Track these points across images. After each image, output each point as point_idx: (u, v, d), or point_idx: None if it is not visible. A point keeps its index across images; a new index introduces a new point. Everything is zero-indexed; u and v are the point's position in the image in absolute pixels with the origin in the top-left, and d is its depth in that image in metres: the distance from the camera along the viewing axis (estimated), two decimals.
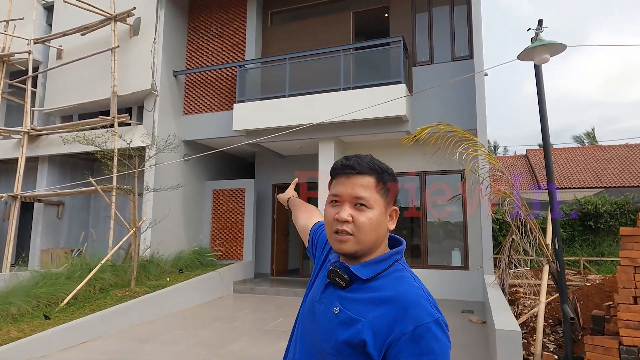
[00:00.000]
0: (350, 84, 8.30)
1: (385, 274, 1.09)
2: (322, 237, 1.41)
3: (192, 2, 10.37)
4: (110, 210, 8.63)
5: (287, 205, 1.87)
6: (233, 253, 10.11)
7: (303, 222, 1.61)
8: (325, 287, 1.16)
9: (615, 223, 15.22)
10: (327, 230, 1.17)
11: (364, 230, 1.08)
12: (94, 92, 9.91)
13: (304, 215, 1.64)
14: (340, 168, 1.16)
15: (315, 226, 1.51)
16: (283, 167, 10.93)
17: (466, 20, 8.20)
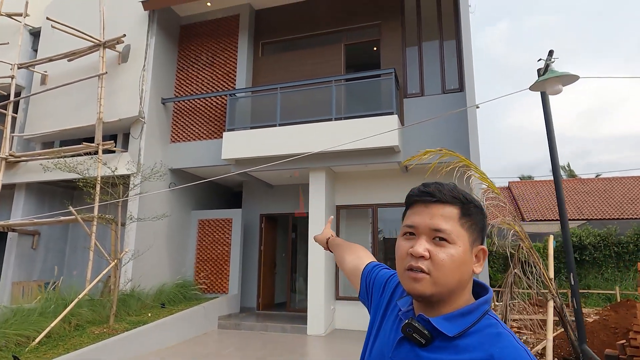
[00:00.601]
0: (341, 114, 8.29)
1: (474, 329, 0.91)
2: (380, 279, 1.23)
3: (183, 31, 10.38)
4: (90, 241, 8.21)
5: (327, 247, 1.68)
6: (218, 286, 9.70)
7: (352, 264, 1.41)
8: (399, 342, 0.98)
9: (599, 255, 15.35)
10: (398, 266, 1.00)
11: (443, 269, 0.92)
12: (79, 118, 9.65)
13: (351, 257, 1.44)
14: (418, 195, 1.01)
15: (369, 267, 1.33)
16: (271, 197, 10.73)
17: (456, 55, 8.38)
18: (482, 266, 0.98)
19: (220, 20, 10.04)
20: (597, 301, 13.91)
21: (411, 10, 8.90)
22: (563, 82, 3.33)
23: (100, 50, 9.14)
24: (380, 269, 1.28)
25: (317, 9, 9.58)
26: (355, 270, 1.37)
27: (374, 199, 8.97)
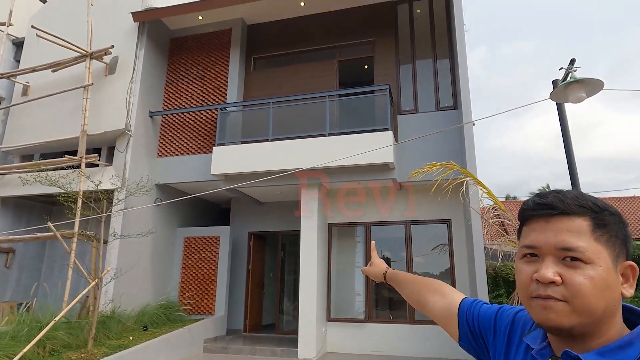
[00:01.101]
0: (335, 130, 8.16)
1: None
2: (485, 317, 1.00)
3: (173, 44, 10.20)
4: (70, 259, 7.76)
5: (385, 281, 1.45)
6: (204, 307, 9.28)
7: (440, 306, 1.14)
8: None
9: None
10: (521, 295, 0.81)
11: (584, 296, 0.73)
12: (61, 130, 9.29)
13: (435, 297, 1.17)
14: (534, 208, 0.83)
15: (465, 305, 1.08)
16: (260, 214, 10.44)
17: (450, 72, 8.38)
18: (633, 287, 0.79)
19: (212, 34, 9.90)
20: None
21: (404, 28, 8.93)
22: (587, 89, 3.19)
23: (87, 61, 8.87)
24: (479, 305, 1.06)
25: (310, 25, 9.54)
26: (447, 313, 1.11)
27: (367, 217, 8.78)
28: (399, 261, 8.58)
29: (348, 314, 8.50)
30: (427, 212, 8.46)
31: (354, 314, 8.52)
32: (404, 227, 8.55)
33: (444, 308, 1.12)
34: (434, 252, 8.40)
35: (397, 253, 8.65)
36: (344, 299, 8.67)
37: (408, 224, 8.53)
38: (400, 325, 8.08)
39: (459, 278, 7.95)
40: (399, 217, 8.60)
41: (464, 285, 7.86)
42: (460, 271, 7.97)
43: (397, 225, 8.60)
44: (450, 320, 1.09)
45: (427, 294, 1.20)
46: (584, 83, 3.16)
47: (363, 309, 8.42)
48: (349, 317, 8.45)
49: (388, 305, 8.54)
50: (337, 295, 8.66)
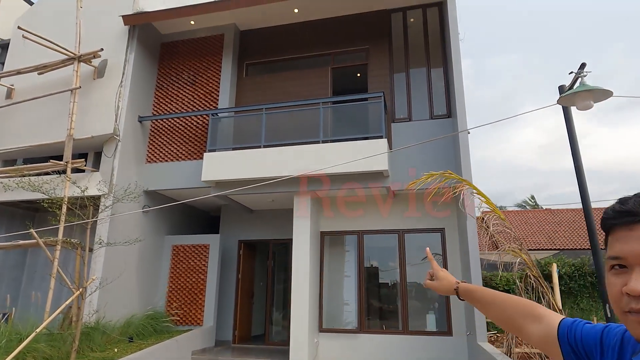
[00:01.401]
0: (328, 137, 8.07)
1: None
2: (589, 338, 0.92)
3: (164, 48, 10.04)
4: (52, 267, 7.47)
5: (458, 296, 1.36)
6: (192, 317, 9.02)
7: (536, 332, 1.04)
8: None
9: (574, 285, 15.45)
10: (615, 309, 0.75)
11: None
12: (46, 135, 9.03)
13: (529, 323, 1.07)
14: (614, 216, 0.77)
15: (565, 326, 0.99)
16: (251, 222, 10.26)
17: (443, 82, 8.40)
18: None
19: (204, 39, 9.78)
20: None
21: (398, 37, 8.94)
22: (595, 97, 3.18)
23: (75, 64, 8.66)
24: (581, 324, 0.96)
25: (304, 32, 9.50)
26: (547, 339, 1.02)
27: (359, 225, 8.67)
28: (391, 270, 8.48)
29: (340, 325, 8.34)
30: (420, 221, 8.39)
31: (346, 324, 8.36)
32: (397, 236, 8.47)
33: (543, 334, 1.02)
34: (424, 262, 8.32)
35: (389, 262, 8.55)
36: (336, 309, 8.51)
37: (401, 233, 8.45)
38: (393, 336, 7.94)
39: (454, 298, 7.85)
40: (392, 225, 8.52)
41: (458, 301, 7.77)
42: None
43: (390, 234, 8.51)
44: (552, 345, 0.99)
45: (520, 319, 1.10)
46: (592, 91, 3.13)
47: (355, 319, 8.27)
48: (341, 328, 8.28)
49: (381, 315, 8.41)
50: (329, 305, 8.50)
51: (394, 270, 8.43)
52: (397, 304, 8.25)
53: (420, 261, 8.32)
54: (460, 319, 7.71)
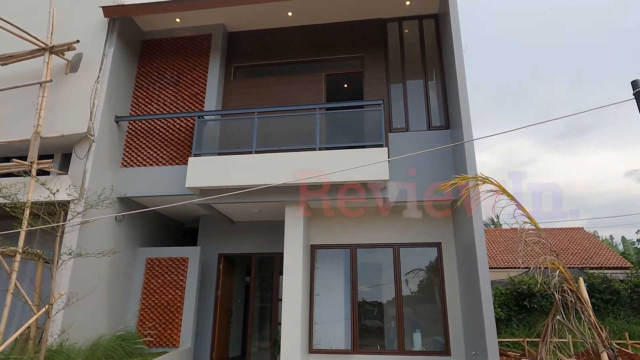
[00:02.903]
0: (324, 144, 7.68)
1: None
2: None
3: (145, 46, 9.38)
4: (10, 282, 6.52)
5: None
6: (167, 339, 8.18)
7: None
8: None
9: (547, 303, 15.64)
10: None
11: None
12: (6, 132, 8.08)
13: None
14: None
15: None
16: (232, 234, 9.61)
17: (441, 93, 8.26)
18: None
19: (190, 39, 9.22)
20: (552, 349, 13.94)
21: (394, 47, 8.78)
22: None
23: (46, 56, 7.84)
24: None
25: (296, 36, 9.16)
26: None
27: (353, 239, 8.26)
28: (386, 285, 8.09)
29: (332, 345, 7.80)
30: (416, 234, 8.10)
31: (338, 344, 7.83)
32: (392, 250, 8.12)
33: None
34: (408, 276, 8.01)
35: (384, 277, 8.16)
36: (327, 328, 7.97)
37: (396, 247, 8.11)
38: (389, 357, 7.50)
39: (451, 305, 7.56)
40: (386, 239, 8.17)
41: (455, 315, 7.49)
42: (453, 298, 7.59)
43: (385, 247, 8.15)
44: None
45: None
46: None
47: (348, 339, 7.77)
48: (332, 348, 7.75)
49: (375, 334, 7.95)
50: (319, 323, 7.96)
51: (389, 286, 8.04)
52: (392, 322, 7.84)
53: (404, 275, 7.97)
54: (458, 337, 7.40)
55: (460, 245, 7.47)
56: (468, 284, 6.87)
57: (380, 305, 8.13)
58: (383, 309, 8.08)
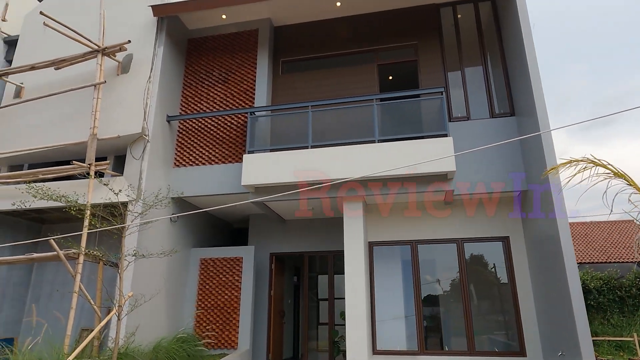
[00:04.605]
0: (382, 136, 7.35)
1: None
2: None
3: (191, 44, 9.28)
4: (74, 283, 6.49)
5: None
6: (226, 340, 8.03)
7: None
8: None
9: (603, 300, 14.80)
10: None
11: None
12: (60, 136, 8.11)
13: None
14: None
15: None
16: (282, 233, 9.40)
17: (504, 79, 7.81)
18: None
19: (236, 35, 9.07)
20: (609, 350, 13.18)
21: (449, 33, 8.38)
22: None
23: (99, 58, 7.83)
24: None
25: (345, 27, 8.87)
26: None
27: (413, 235, 7.90)
28: (451, 283, 7.70)
29: (396, 345, 7.47)
30: (481, 228, 7.68)
31: (402, 344, 7.49)
32: (456, 245, 7.72)
33: None
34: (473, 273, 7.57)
35: (449, 274, 7.77)
36: (391, 328, 7.64)
37: (460, 242, 7.70)
38: (458, 358, 7.10)
39: (523, 302, 7.10)
40: (449, 234, 7.78)
41: (529, 313, 7.03)
42: (525, 295, 7.12)
43: (448, 243, 7.76)
44: None
45: None
46: None
47: (413, 339, 7.42)
48: (397, 350, 7.41)
49: (442, 333, 7.57)
50: (382, 323, 7.64)
51: (454, 283, 7.65)
52: (459, 321, 7.44)
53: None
54: (533, 337, 6.94)
55: (532, 238, 7.01)
56: (546, 279, 6.41)
57: (445, 304, 7.73)
58: (448, 307, 7.69)
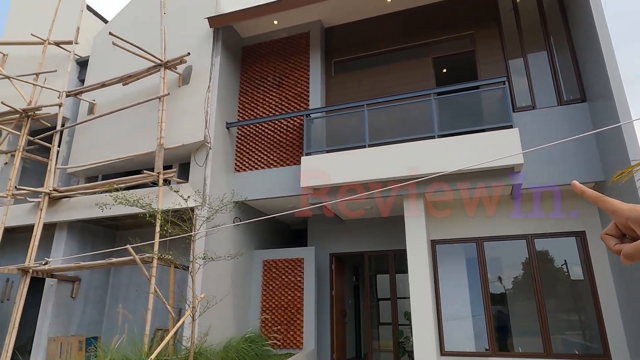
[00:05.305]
0: (444, 131, 7.15)
1: None
2: None
3: (245, 52, 9.55)
4: (149, 286, 6.88)
5: None
6: (291, 340, 8.17)
7: None
8: None
9: None
10: None
11: None
12: (130, 147, 8.64)
13: None
14: None
15: None
16: (341, 233, 9.41)
17: (572, 63, 7.32)
18: None
19: (288, 39, 9.21)
20: None
21: (508, 19, 7.99)
22: None
23: (162, 71, 8.25)
24: None
25: (396, 22, 8.73)
26: None
27: (478, 232, 7.62)
28: (522, 280, 7.34)
29: (465, 346, 7.23)
30: (553, 223, 7.24)
31: (470, 345, 7.24)
32: (526, 241, 7.34)
33: None
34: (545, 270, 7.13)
35: (519, 271, 7.41)
36: (458, 328, 7.42)
37: (530, 238, 7.31)
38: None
39: (605, 302, 6.61)
40: (517, 230, 7.41)
41: (612, 313, 6.53)
42: (607, 294, 6.62)
43: (517, 239, 7.39)
44: None
45: None
46: None
47: (482, 340, 7.15)
48: (467, 351, 7.17)
49: (514, 334, 7.23)
50: (449, 323, 7.43)
51: (525, 281, 7.28)
52: (531, 320, 7.07)
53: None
54: (618, 337, 6.44)
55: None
56: (633, 276, 5.92)
57: (513, 302, 7.39)
58: (517, 306, 7.33)
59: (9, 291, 9.89)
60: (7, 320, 8.76)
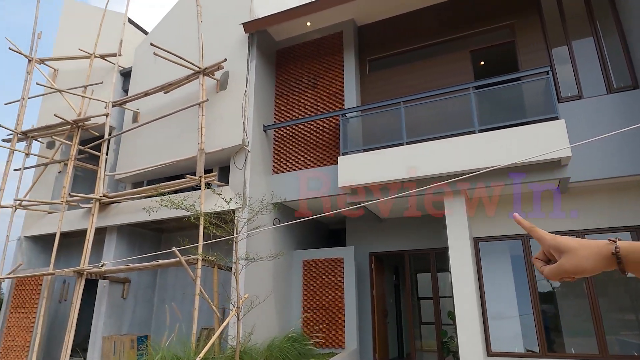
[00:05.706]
0: (485, 125, 6.96)
1: None
2: None
3: (280, 55, 9.68)
4: (195, 287, 7.11)
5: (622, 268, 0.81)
6: (333, 339, 8.21)
7: None
8: None
9: None
10: None
11: None
12: (172, 153, 8.95)
13: None
14: None
15: None
16: (380, 232, 9.35)
17: (622, 47, 6.94)
18: None
19: (321, 40, 9.25)
20: None
21: (550, 3, 7.67)
22: None
23: (200, 78, 8.50)
24: None
25: (430, 17, 8.58)
26: None
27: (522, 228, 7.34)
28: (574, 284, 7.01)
29: (513, 347, 7.01)
30: (604, 218, 6.90)
31: (520, 346, 7.01)
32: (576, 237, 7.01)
33: None
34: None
35: None
36: (504, 328, 7.20)
37: (581, 234, 6.99)
38: None
39: None
40: (565, 226, 7.11)
41: None
42: None
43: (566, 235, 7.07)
44: None
45: None
46: None
47: (532, 340, 6.90)
48: (515, 351, 6.95)
49: (565, 334, 6.93)
50: (494, 322, 7.22)
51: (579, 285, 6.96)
52: (582, 320, 6.75)
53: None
54: None
55: None
56: None
57: (562, 301, 7.08)
58: (566, 305, 7.03)
59: (66, 292, 10.49)
60: (65, 320, 9.32)
